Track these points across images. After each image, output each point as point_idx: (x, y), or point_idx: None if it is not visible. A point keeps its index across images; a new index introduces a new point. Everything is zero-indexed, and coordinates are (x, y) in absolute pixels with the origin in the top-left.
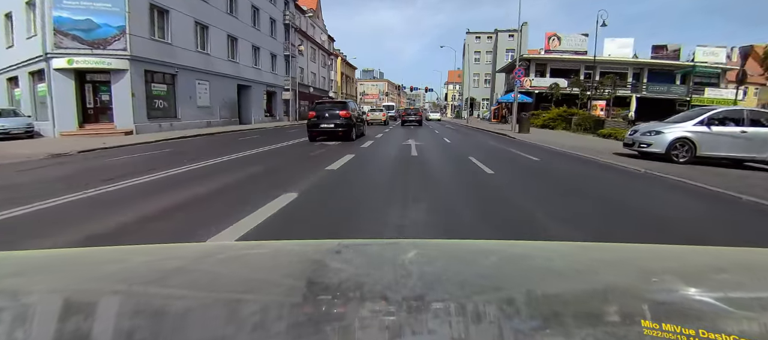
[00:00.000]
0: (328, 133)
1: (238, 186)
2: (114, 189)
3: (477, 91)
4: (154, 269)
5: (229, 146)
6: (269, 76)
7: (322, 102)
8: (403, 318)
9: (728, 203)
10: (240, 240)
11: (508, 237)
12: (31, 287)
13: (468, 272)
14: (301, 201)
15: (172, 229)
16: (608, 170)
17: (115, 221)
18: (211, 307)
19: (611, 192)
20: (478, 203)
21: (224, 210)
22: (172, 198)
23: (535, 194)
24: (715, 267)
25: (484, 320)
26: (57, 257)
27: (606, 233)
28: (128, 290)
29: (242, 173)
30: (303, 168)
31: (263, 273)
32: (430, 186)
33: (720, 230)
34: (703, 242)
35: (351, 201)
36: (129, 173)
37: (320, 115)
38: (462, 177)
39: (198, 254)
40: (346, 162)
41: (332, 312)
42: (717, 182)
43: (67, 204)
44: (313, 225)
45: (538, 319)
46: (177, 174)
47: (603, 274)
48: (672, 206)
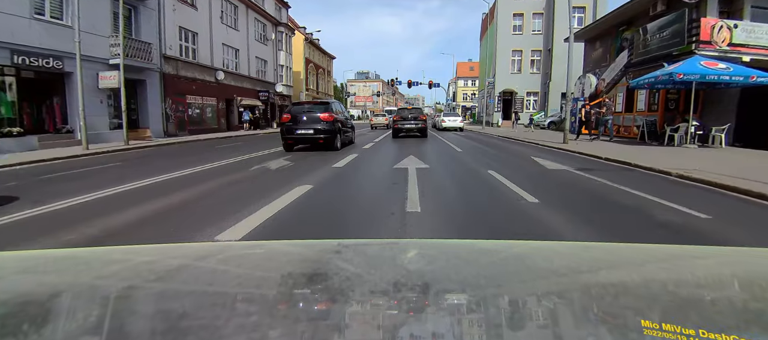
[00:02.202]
0: (307, 139)
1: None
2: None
3: (518, 79)
4: (155, 269)
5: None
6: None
7: (300, 103)
8: (403, 318)
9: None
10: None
11: None
12: (32, 287)
13: (468, 272)
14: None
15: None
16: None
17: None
18: (212, 307)
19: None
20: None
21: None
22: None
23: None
24: (714, 267)
25: (484, 320)
26: (57, 257)
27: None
28: (129, 289)
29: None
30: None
31: (263, 273)
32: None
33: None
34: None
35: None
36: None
37: (296, 119)
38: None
39: (198, 254)
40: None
41: (332, 312)
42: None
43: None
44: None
45: (538, 319)
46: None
47: (603, 274)
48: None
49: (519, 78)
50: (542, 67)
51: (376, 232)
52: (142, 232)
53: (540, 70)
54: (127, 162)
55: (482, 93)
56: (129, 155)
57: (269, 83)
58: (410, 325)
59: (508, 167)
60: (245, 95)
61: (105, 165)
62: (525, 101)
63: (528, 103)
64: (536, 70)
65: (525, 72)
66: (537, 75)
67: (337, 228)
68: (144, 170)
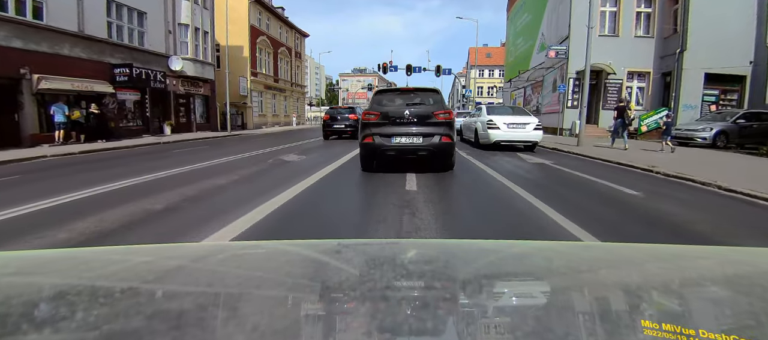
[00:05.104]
0: (340, 131)
1: None
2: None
3: (614, 47)
4: (154, 269)
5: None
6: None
7: (335, 107)
8: (403, 318)
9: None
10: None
11: None
12: (32, 287)
13: (468, 272)
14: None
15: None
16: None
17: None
18: (211, 307)
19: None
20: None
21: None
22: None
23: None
24: (715, 267)
25: (485, 320)
26: (57, 257)
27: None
28: (128, 289)
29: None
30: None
31: (263, 273)
32: None
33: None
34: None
35: None
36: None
37: (334, 118)
38: None
39: (198, 254)
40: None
41: (332, 312)
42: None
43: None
44: None
45: (538, 319)
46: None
47: (603, 274)
48: None
49: (614, 45)
50: (659, 24)
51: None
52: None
53: (654, 32)
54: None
55: (513, 84)
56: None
57: (150, 54)
58: (410, 325)
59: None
60: (65, 72)
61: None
62: (625, 88)
63: (628, 91)
64: (645, 32)
65: (625, 34)
66: (648, 41)
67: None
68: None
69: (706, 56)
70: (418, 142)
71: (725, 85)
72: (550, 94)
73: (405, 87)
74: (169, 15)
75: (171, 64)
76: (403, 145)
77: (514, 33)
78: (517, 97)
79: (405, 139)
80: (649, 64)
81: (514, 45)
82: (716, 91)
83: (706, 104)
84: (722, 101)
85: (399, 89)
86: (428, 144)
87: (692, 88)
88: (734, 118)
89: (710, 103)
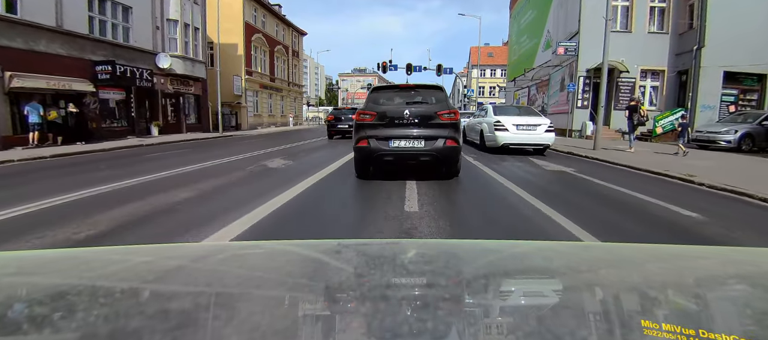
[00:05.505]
0: (343, 131)
1: None
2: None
3: (626, 44)
4: (154, 269)
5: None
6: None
7: (338, 109)
8: (403, 318)
9: None
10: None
11: None
12: (31, 287)
13: (468, 272)
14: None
15: None
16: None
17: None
18: (211, 307)
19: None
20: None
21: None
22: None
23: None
24: (715, 267)
25: (485, 320)
26: (57, 257)
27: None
28: (128, 289)
29: None
30: None
31: (263, 273)
32: None
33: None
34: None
35: None
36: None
37: (338, 118)
38: None
39: (197, 254)
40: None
41: (332, 312)
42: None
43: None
44: None
45: (538, 319)
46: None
47: (603, 274)
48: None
49: (627, 41)
50: (674, 19)
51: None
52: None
53: (668, 27)
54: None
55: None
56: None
57: (135, 50)
58: (410, 325)
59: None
60: (41, 69)
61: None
62: (637, 87)
63: (641, 90)
64: (659, 28)
65: (639, 30)
66: (663, 37)
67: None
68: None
69: (725, 53)
70: (420, 146)
71: (744, 85)
72: (558, 94)
73: (404, 84)
74: (156, 10)
75: (158, 61)
76: (403, 149)
77: (517, 31)
78: (520, 97)
79: (404, 143)
80: (663, 61)
81: (517, 43)
82: (735, 90)
83: (724, 105)
84: (741, 101)
85: (398, 86)
86: (431, 148)
87: (710, 88)
88: (760, 119)
89: (729, 103)
